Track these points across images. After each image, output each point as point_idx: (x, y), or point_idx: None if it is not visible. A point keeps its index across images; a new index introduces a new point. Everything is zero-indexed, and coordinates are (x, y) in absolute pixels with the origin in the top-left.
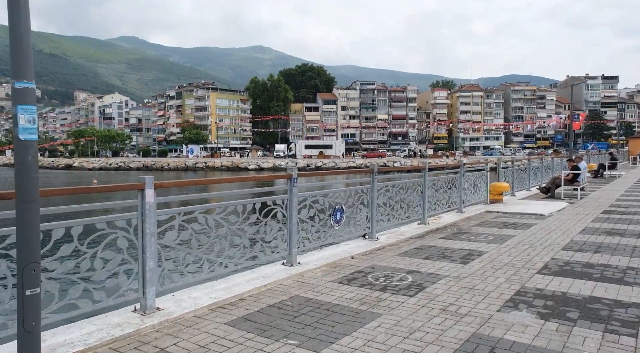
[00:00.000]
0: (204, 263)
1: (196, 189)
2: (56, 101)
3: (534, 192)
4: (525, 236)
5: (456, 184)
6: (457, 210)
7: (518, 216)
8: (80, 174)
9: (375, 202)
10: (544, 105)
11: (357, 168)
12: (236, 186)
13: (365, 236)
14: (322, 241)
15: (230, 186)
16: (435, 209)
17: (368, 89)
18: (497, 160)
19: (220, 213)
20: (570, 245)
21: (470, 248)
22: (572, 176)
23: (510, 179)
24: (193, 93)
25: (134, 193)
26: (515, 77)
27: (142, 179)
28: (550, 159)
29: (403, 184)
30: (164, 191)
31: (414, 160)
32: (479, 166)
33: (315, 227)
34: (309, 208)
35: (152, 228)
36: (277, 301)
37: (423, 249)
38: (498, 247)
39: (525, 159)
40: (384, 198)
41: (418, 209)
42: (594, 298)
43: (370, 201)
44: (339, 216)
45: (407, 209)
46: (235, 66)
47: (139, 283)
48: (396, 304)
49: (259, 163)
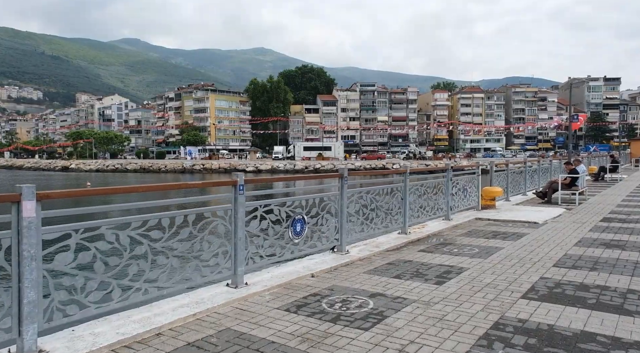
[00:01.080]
0: (113, 290)
1: (122, 199)
2: (58, 103)
3: (529, 197)
4: (514, 248)
5: (443, 189)
6: (444, 217)
7: (510, 225)
8: (75, 176)
9: (345, 211)
10: (545, 107)
11: (326, 171)
12: (160, 195)
13: (334, 249)
14: (278, 257)
15: (153, 195)
16: (418, 217)
17: (368, 91)
18: (489, 162)
19: (137, 227)
20: (563, 261)
21: (450, 263)
22: (569, 180)
23: (505, 183)
24: (192, 95)
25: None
26: (517, 79)
27: (19, 188)
28: (547, 161)
29: (380, 190)
30: (57, 203)
31: (414, 162)
32: (472, 169)
33: (268, 241)
34: (260, 219)
35: (33, 250)
36: (199, 338)
37: (396, 265)
38: (481, 263)
39: (521, 161)
40: (356, 205)
41: (398, 218)
42: (587, 335)
43: (339, 209)
44: (299, 227)
45: (386, 218)
46: (236, 68)
47: (12, 321)
48: (344, 342)
49: (257, 165)
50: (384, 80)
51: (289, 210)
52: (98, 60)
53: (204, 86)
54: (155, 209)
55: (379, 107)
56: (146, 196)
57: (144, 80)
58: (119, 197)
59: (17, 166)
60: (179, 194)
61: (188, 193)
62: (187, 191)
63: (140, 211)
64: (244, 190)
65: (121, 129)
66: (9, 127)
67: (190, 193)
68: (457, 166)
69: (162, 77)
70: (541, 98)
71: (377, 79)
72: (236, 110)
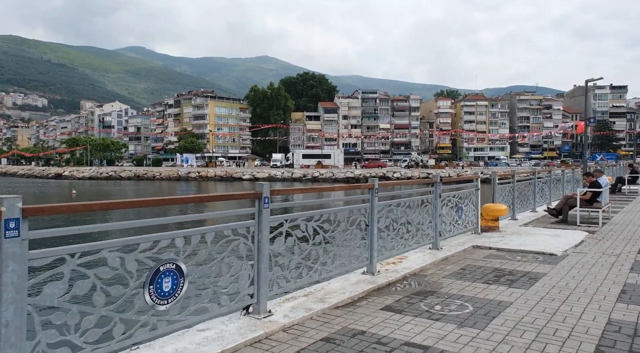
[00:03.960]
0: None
1: (121, 216)
2: (62, 110)
3: (540, 214)
4: (527, 306)
5: (429, 208)
6: (431, 246)
7: (518, 257)
8: (68, 184)
9: (265, 250)
10: (550, 115)
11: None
12: (155, 211)
13: (248, 309)
14: None
15: (158, 210)
16: (392, 249)
17: (370, 98)
18: (491, 173)
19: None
20: (610, 336)
21: (424, 339)
22: (590, 195)
23: (510, 197)
24: (191, 101)
25: None
26: (522, 87)
27: None
28: (559, 171)
29: (331, 213)
30: None
31: (415, 171)
32: (472, 181)
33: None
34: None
35: None
36: None
37: (336, 343)
38: (475, 340)
39: (529, 171)
40: (282, 246)
41: (362, 251)
42: None
43: (256, 249)
44: (169, 284)
45: (342, 254)
46: (241, 76)
47: None
48: None
49: (254, 173)
50: (389, 88)
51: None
52: (103, 68)
53: (203, 92)
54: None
55: (381, 114)
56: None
57: (148, 88)
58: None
59: (10, 173)
60: (184, 208)
61: (200, 207)
62: (199, 206)
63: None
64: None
65: (121, 136)
66: (10, 133)
67: (201, 207)
68: (455, 179)
69: (166, 85)
70: (546, 106)
71: (382, 87)
72: (236, 117)
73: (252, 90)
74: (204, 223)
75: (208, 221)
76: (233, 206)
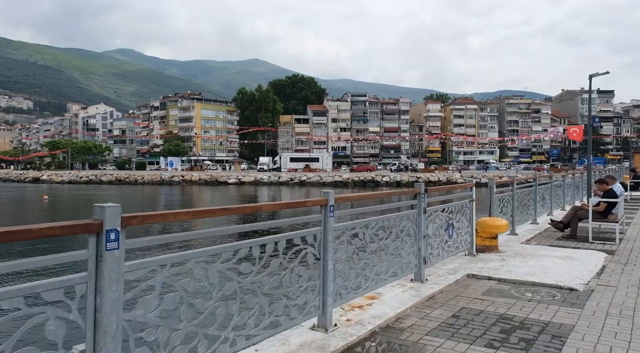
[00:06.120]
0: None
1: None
2: (48, 113)
3: (542, 226)
4: None
5: (411, 229)
6: (414, 277)
7: (528, 294)
8: (40, 188)
9: (330, 259)
10: (539, 119)
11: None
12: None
13: None
14: None
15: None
16: (358, 287)
17: (359, 101)
18: (488, 179)
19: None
20: None
21: None
22: (605, 206)
23: (509, 208)
24: (177, 103)
25: None
26: (511, 92)
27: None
28: (560, 176)
29: (266, 242)
30: None
31: (405, 174)
32: (463, 191)
33: None
34: None
35: None
36: None
37: None
38: None
39: (528, 177)
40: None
41: (310, 295)
42: None
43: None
44: None
45: (288, 295)
46: (231, 79)
47: None
48: None
49: (240, 177)
50: (379, 92)
51: None
52: (91, 70)
53: (190, 94)
54: None
55: (370, 117)
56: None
57: (137, 91)
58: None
59: None
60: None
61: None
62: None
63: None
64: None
65: (105, 139)
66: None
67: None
68: (444, 188)
69: (155, 87)
70: (535, 110)
71: (372, 91)
72: (223, 120)
73: (240, 92)
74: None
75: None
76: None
